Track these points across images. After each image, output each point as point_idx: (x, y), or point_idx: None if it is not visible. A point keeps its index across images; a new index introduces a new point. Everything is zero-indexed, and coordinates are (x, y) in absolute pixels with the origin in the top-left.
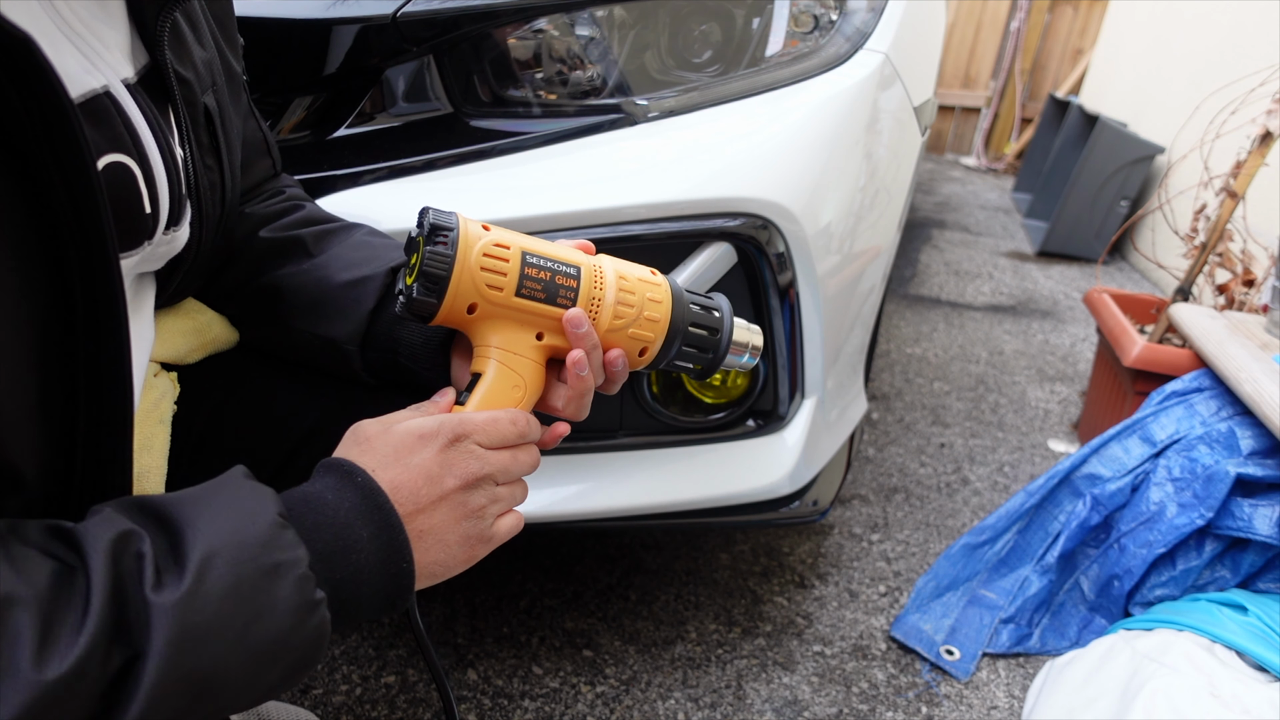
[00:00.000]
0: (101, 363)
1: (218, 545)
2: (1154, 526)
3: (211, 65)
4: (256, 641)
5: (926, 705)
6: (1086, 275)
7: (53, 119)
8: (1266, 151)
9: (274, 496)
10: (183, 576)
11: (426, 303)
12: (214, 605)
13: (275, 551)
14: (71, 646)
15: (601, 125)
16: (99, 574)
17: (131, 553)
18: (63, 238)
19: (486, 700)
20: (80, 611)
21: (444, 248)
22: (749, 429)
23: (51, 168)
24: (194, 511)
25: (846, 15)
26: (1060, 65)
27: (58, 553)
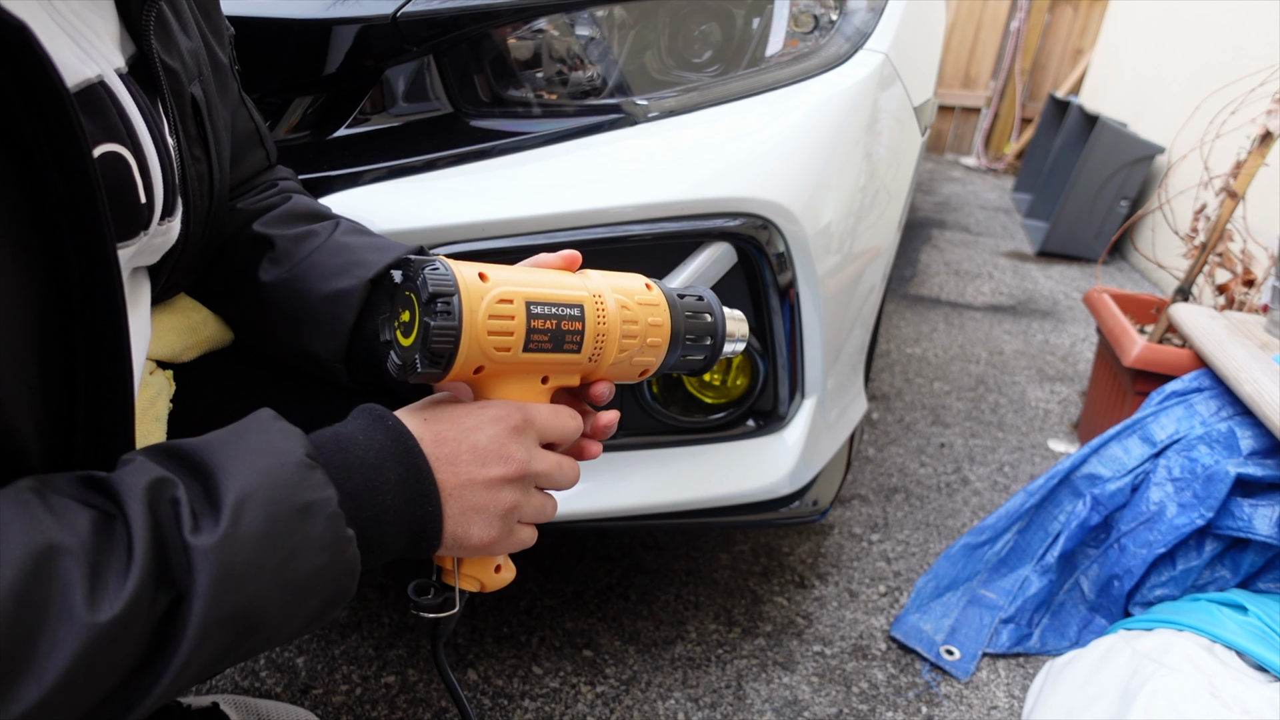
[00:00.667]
0: (101, 351)
1: (250, 488)
2: (1154, 526)
3: (197, 55)
4: (293, 578)
5: (926, 705)
6: (1086, 275)
7: (49, 108)
8: (1266, 151)
9: (302, 437)
10: (219, 520)
11: (431, 374)
12: (250, 545)
13: (306, 491)
14: (120, 590)
15: (601, 125)
16: (138, 520)
17: (167, 498)
18: (60, 226)
19: (486, 700)
20: (124, 556)
21: (447, 319)
22: (749, 429)
23: (48, 156)
24: (224, 455)
25: (846, 15)
26: (1060, 65)
27: (94, 501)
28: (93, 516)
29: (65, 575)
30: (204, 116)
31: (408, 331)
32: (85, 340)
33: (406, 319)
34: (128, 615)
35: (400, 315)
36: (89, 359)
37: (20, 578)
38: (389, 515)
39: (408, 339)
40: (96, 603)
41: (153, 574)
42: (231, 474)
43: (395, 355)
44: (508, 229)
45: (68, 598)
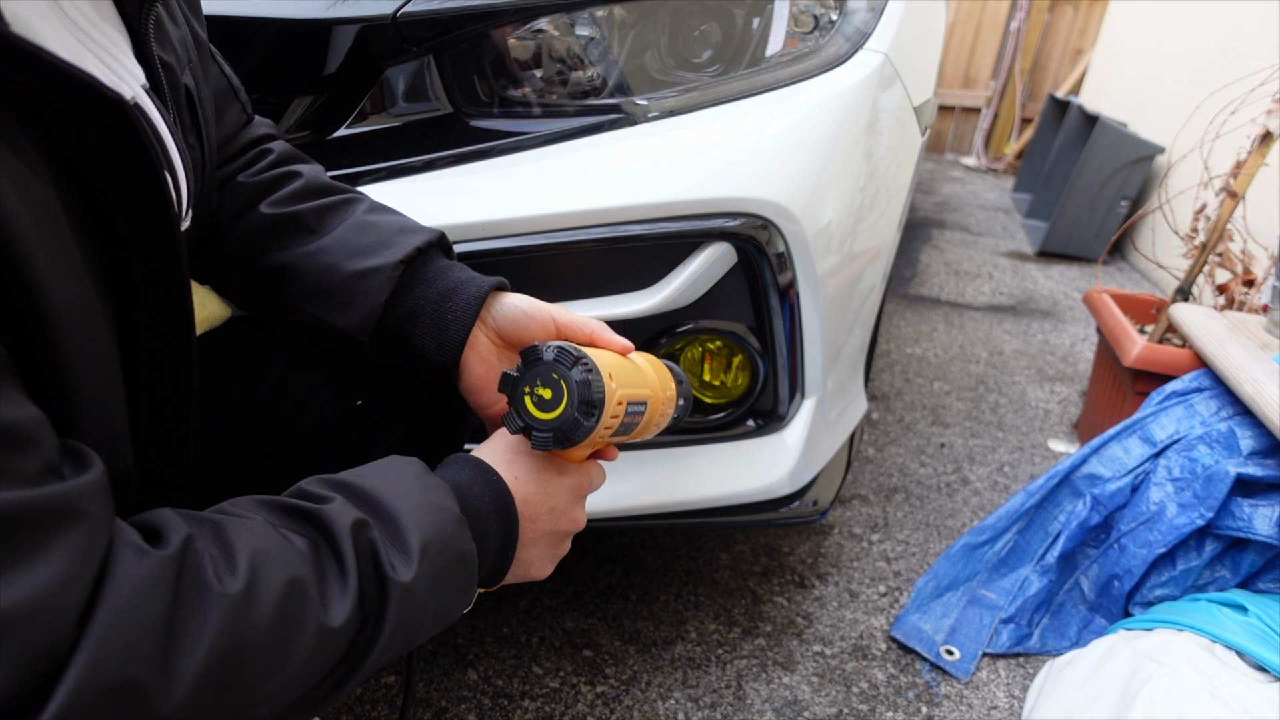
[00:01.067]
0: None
1: (428, 537)
2: (1154, 526)
3: (185, 42)
4: (441, 614)
5: (926, 705)
6: (1086, 275)
7: (136, 165)
8: (1266, 151)
9: (451, 492)
10: (410, 562)
11: (548, 451)
12: (425, 586)
13: (460, 543)
14: (340, 607)
15: (601, 125)
16: (349, 553)
17: (365, 537)
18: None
19: (486, 700)
20: (340, 582)
21: (591, 423)
22: (749, 429)
23: (128, 201)
24: (401, 504)
25: (846, 15)
26: (1060, 65)
27: (308, 533)
28: (309, 544)
29: (306, 597)
30: (196, 103)
31: (542, 406)
32: (150, 364)
33: (547, 396)
34: (343, 629)
35: (539, 388)
36: (152, 380)
37: (282, 599)
38: (485, 562)
39: (541, 412)
40: (326, 616)
41: (358, 598)
42: (412, 523)
43: (519, 417)
44: (508, 229)
45: (309, 613)
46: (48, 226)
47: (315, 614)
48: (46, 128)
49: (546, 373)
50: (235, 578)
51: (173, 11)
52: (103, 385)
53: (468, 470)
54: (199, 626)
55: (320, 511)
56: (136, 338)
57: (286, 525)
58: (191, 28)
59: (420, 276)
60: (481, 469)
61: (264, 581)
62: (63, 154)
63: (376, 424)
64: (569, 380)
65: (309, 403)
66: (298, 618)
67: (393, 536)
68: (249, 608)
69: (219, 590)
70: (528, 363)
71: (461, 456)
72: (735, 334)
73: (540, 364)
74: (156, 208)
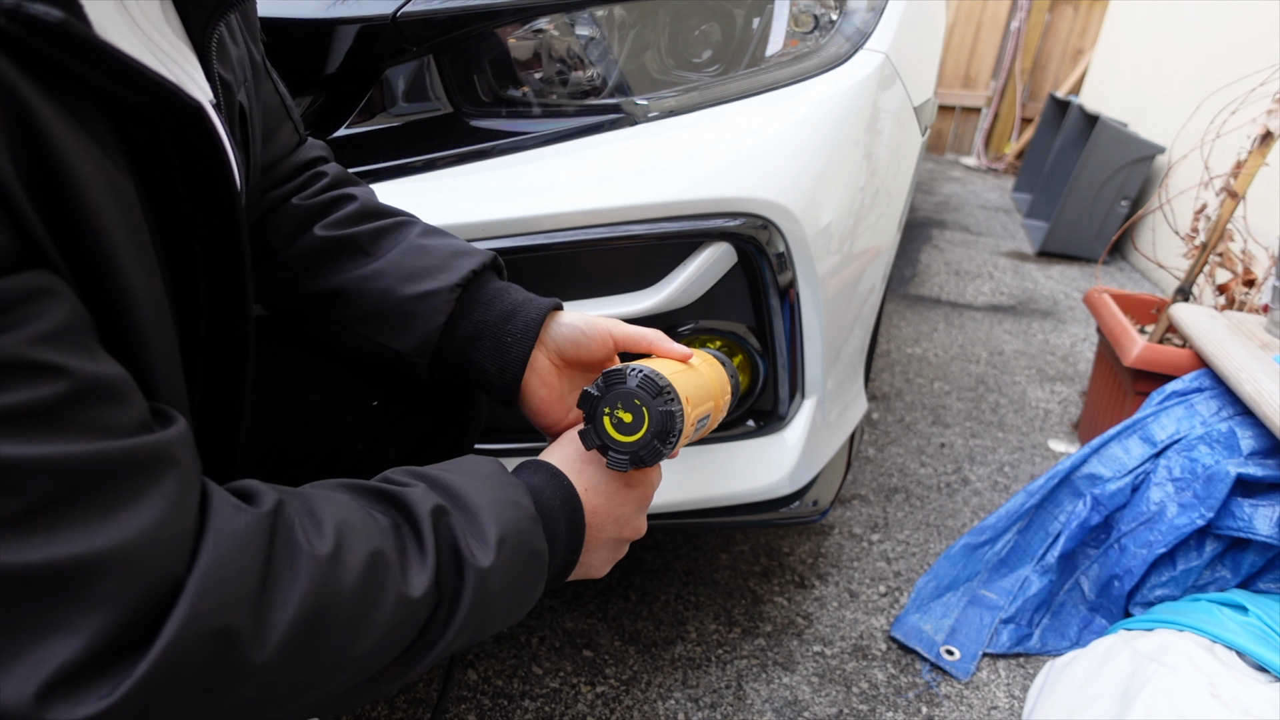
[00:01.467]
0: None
1: (506, 530)
2: (1154, 526)
3: (242, 61)
4: (512, 607)
5: (927, 705)
6: (1087, 275)
7: (212, 172)
8: (1267, 151)
9: (527, 491)
10: (488, 550)
11: (623, 471)
12: (500, 576)
13: (534, 540)
14: (420, 582)
15: (601, 125)
16: (429, 534)
17: (445, 522)
18: (197, 264)
19: (486, 700)
20: (419, 559)
21: (668, 448)
22: (749, 429)
23: (200, 207)
24: (479, 496)
25: (846, 15)
26: (1060, 65)
27: (389, 514)
28: (391, 523)
29: (388, 569)
30: (249, 121)
31: (620, 428)
32: (206, 363)
33: (627, 420)
34: (421, 603)
35: (619, 410)
36: (209, 380)
37: (365, 568)
38: (553, 564)
39: (620, 434)
40: (406, 586)
41: (435, 578)
42: (490, 515)
43: (598, 435)
44: (508, 229)
45: (390, 584)
46: (130, 220)
47: (395, 584)
48: (124, 128)
49: (629, 398)
50: (324, 541)
51: (233, 32)
52: (170, 369)
53: (541, 474)
54: (290, 583)
55: (402, 494)
56: (196, 327)
57: (370, 504)
58: (248, 48)
59: (477, 299)
60: (554, 474)
61: (349, 549)
62: (139, 155)
63: (393, 425)
64: (652, 411)
65: (327, 402)
66: (379, 586)
67: (471, 525)
68: (336, 571)
69: (309, 551)
70: (610, 384)
71: (535, 461)
72: (735, 334)
73: (623, 388)
74: (226, 211)
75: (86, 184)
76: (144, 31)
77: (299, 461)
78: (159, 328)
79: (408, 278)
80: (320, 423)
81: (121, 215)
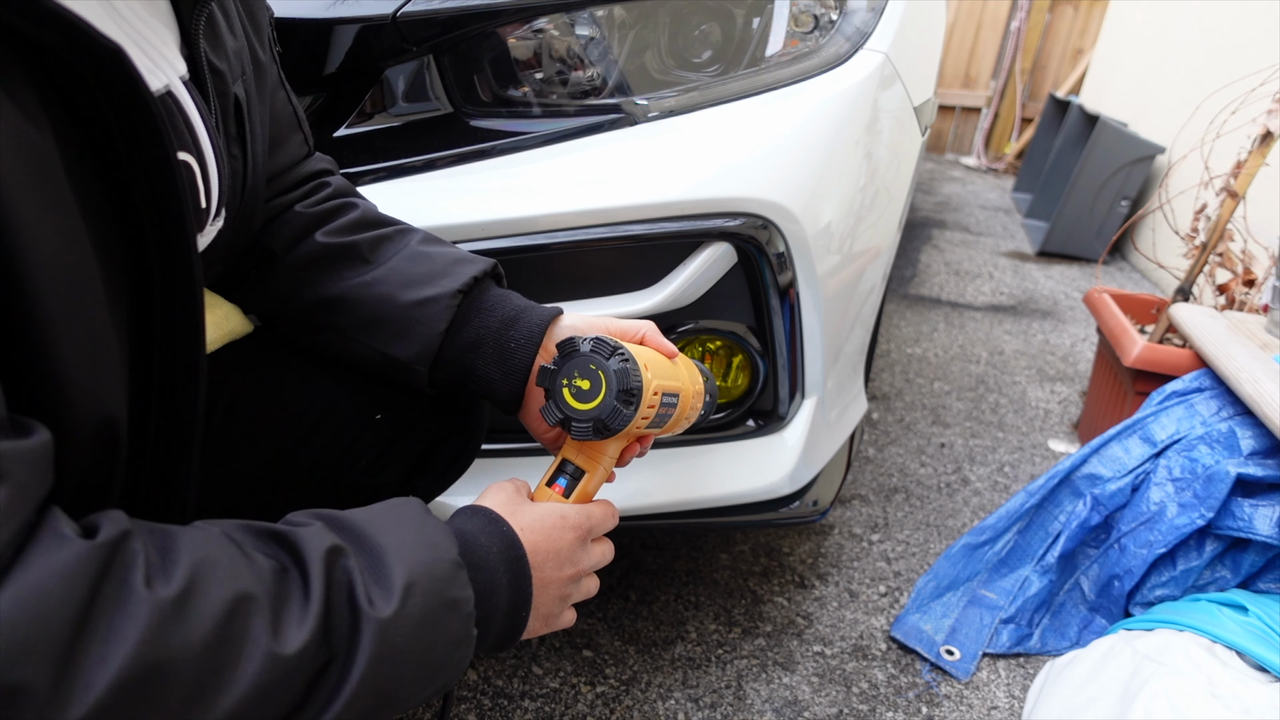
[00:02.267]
0: (177, 347)
1: (416, 575)
2: (1154, 526)
3: (241, 54)
4: (428, 666)
5: (927, 705)
6: (1087, 275)
7: (140, 125)
8: (1267, 151)
9: (451, 535)
10: (390, 598)
11: (588, 441)
12: (408, 629)
13: (455, 588)
14: (298, 635)
15: (601, 125)
16: (317, 579)
17: (341, 565)
18: (146, 232)
19: (486, 700)
20: (301, 607)
21: (630, 410)
22: (749, 429)
23: (138, 167)
24: (389, 537)
25: (846, 15)
26: (1060, 65)
27: (275, 554)
28: (274, 567)
29: (255, 617)
30: (245, 115)
31: (580, 397)
32: (163, 335)
33: (585, 387)
34: (298, 656)
35: (577, 379)
36: (165, 353)
37: (223, 616)
38: (495, 617)
39: (580, 403)
40: (277, 641)
41: (322, 627)
42: (398, 558)
43: (558, 409)
44: (508, 229)
45: (255, 635)
46: (36, 174)
47: (263, 638)
48: (58, 84)
49: (584, 364)
50: (169, 584)
51: (231, 22)
52: (92, 345)
53: (476, 520)
54: (116, 633)
55: (292, 533)
56: (150, 309)
57: (253, 544)
58: (251, 46)
59: (478, 305)
60: (491, 519)
61: (203, 593)
62: (78, 114)
63: (397, 437)
64: (607, 370)
65: (329, 416)
66: (241, 639)
67: (374, 569)
68: (180, 619)
69: (145, 594)
70: (564, 355)
71: (470, 508)
72: (735, 334)
73: (577, 356)
74: (160, 162)
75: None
76: (112, 5)
77: (303, 474)
78: (80, 314)
79: (408, 284)
80: (322, 438)
81: (25, 174)
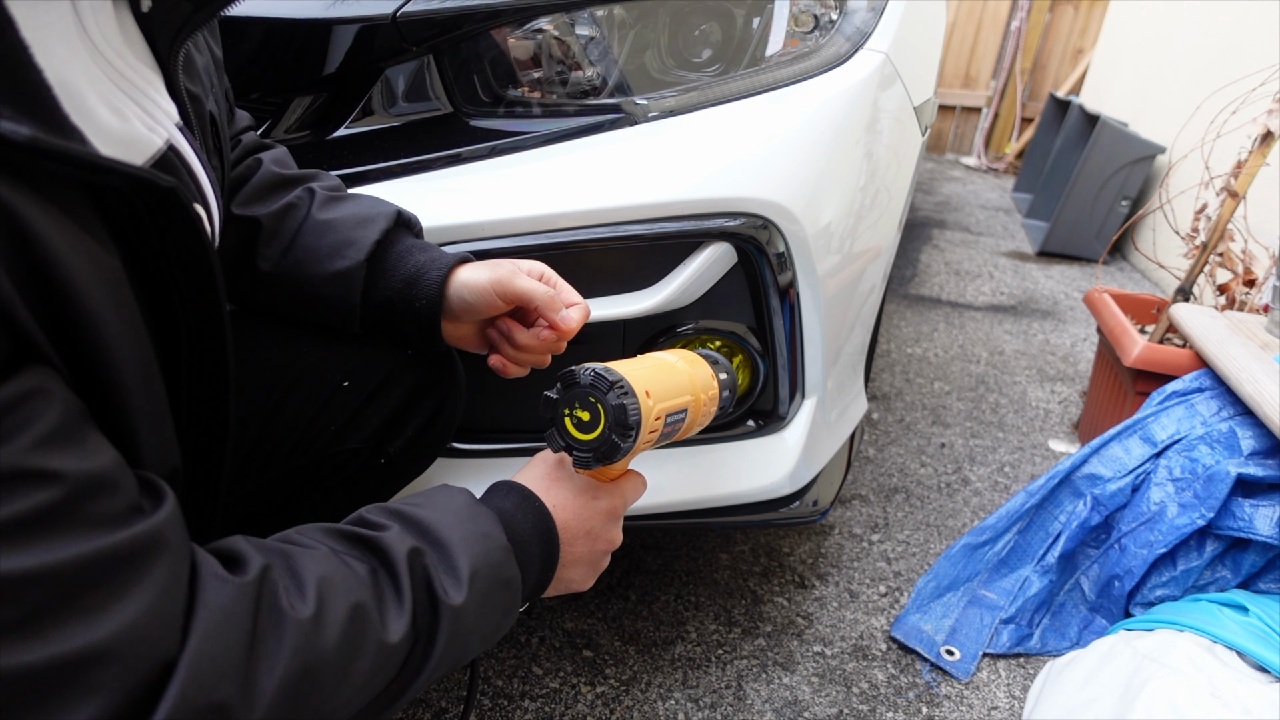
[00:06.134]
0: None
1: (477, 564)
2: (1154, 527)
3: (209, 69)
4: (487, 632)
5: (927, 705)
6: (1087, 275)
7: (188, 239)
8: (1267, 151)
9: (497, 520)
10: (460, 587)
11: (589, 470)
12: (474, 610)
13: (506, 570)
14: (397, 627)
15: (601, 125)
16: (405, 578)
17: (420, 564)
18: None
19: (486, 700)
20: (396, 605)
21: (629, 443)
22: (749, 429)
23: (180, 268)
24: (452, 532)
25: (846, 15)
26: (1061, 65)
27: (367, 559)
28: (369, 570)
29: (368, 619)
30: (220, 128)
31: (581, 427)
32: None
33: (586, 418)
34: (398, 646)
35: (578, 410)
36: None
37: (347, 622)
38: (528, 584)
39: (581, 433)
40: (385, 633)
41: (412, 619)
42: (463, 550)
43: (561, 437)
44: (507, 229)
45: (370, 633)
46: (118, 297)
47: (375, 633)
48: (109, 208)
49: (584, 396)
50: (306, 604)
51: (197, 41)
52: (160, 417)
53: (512, 497)
54: (276, 649)
55: (378, 539)
56: (179, 375)
57: (348, 552)
58: (211, 50)
59: (382, 267)
60: (525, 496)
61: (331, 607)
62: (123, 229)
63: (368, 399)
64: (605, 404)
65: (297, 385)
66: (360, 638)
67: (444, 563)
68: (319, 631)
69: (292, 616)
70: (566, 386)
71: (506, 483)
72: (735, 334)
73: (578, 388)
74: (203, 273)
75: (74, 271)
76: (105, 57)
77: (277, 440)
78: (148, 394)
79: (319, 259)
80: (293, 405)
81: (109, 295)
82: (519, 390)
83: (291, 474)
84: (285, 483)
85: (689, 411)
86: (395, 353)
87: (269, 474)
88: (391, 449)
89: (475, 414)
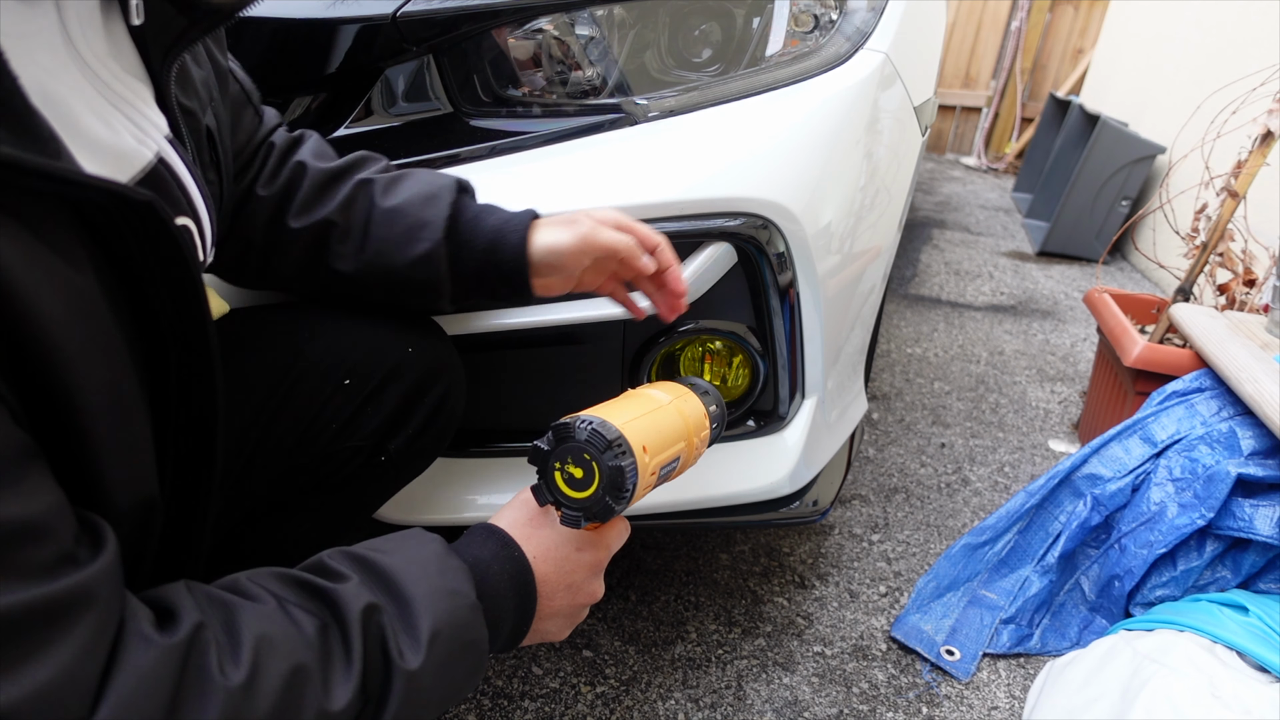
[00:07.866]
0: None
1: (439, 624)
2: (1155, 527)
3: (208, 82)
4: (446, 695)
5: (927, 706)
6: (1087, 275)
7: (169, 255)
8: (1267, 151)
9: (469, 575)
10: (418, 650)
11: (579, 528)
12: (432, 673)
13: (472, 630)
14: (343, 692)
15: (601, 125)
16: (357, 637)
17: (375, 622)
18: (163, 325)
19: (486, 701)
20: (344, 666)
21: (623, 504)
22: (749, 429)
23: (162, 285)
24: (416, 586)
25: (847, 15)
26: (1061, 65)
27: (318, 612)
28: (318, 626)
29: (308, 684)
30: (217, 141)
31: (572, 484)
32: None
33: (578, 475)
34: (342, 713)
35: (569, 465)
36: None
37: (283, 688)
38: (497, 640)
39: (572, 490)
40: (328, 700)
41: (362, 682)
42: (425, 608)
43: (549, 492)
44: None
45: (310, 700)
46: (87, 318)
47: (316, 700)
48: (92, 223)
49: (578, 452)
50: (239, 668)
51: (196, 54)
52: (132, 441)
53: (490, 545)
54: (199, 717)
55: (335, 592)
56: (168, 391)
57: (299, 604)
58: (213, 58)
59: (459, 240)
60: (504, 544)
61: (267, 671)
62: (106, 247)
63: (368, 399)
64: (602, 466)
65: (299, 385)
66: (297, 706)
67: (404, 621)
68: (249, 698)
69: (220, 682)
70: (559, 439)
71: (486, 528)
72: (735, 334)
73: (572, 443)
74: (188, 288)
75: (27, 289)
76: (100, 78)
77: (278, 440)
78: (117, 417)
79: (398, 247)
80: (296, 404)
81: (70, 313)
82: (519, 392)
83: (292, 473)
84: (286, 481)
85: (682, 459)
86: (396, 352)
87: (269, 473)
88: (392, 448)
89: (475, 415)
